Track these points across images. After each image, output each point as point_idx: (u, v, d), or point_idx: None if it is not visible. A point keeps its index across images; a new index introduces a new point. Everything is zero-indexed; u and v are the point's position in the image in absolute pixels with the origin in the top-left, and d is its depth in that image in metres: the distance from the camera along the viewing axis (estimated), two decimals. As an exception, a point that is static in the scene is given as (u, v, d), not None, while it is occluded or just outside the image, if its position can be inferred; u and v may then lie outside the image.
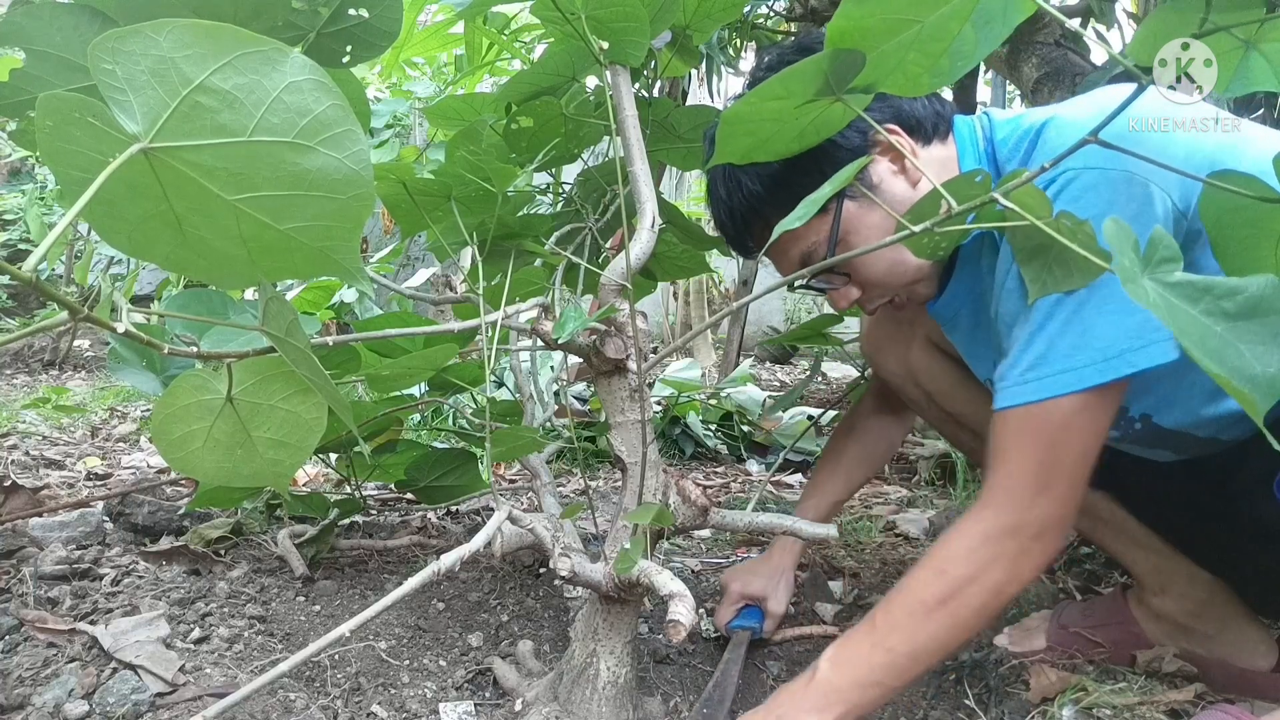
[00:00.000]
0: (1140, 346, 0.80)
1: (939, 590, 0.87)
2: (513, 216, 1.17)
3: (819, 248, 0.97)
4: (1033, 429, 0.85)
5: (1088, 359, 0.82)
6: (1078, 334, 0.82)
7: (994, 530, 0.86)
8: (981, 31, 0.66)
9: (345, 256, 0.66)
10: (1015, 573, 0.86)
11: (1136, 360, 0.81)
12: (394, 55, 2.10)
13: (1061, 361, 0.83)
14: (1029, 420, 0.85)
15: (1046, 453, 0.85)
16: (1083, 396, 0.82)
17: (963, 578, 0.86)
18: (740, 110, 0.77)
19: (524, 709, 1.01)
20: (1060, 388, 0.83)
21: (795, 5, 2.66)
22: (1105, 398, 0.84)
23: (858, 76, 0.72)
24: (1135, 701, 1.00)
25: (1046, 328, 0.84)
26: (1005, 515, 0.86)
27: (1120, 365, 0.81)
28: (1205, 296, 0.56)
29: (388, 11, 0.97)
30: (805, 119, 0.78)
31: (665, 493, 0.97)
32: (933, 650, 0.88)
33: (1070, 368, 0.82)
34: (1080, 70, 2.06)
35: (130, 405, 3.13)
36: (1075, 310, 0.82)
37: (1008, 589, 0.87)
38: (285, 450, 0.84)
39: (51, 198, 4.81)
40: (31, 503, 1.48)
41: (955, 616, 0.86)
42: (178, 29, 0.54)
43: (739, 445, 2.66)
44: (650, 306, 5.43)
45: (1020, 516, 0.85)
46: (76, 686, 0.96)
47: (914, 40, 0.68)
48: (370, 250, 4.29)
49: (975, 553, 0.87)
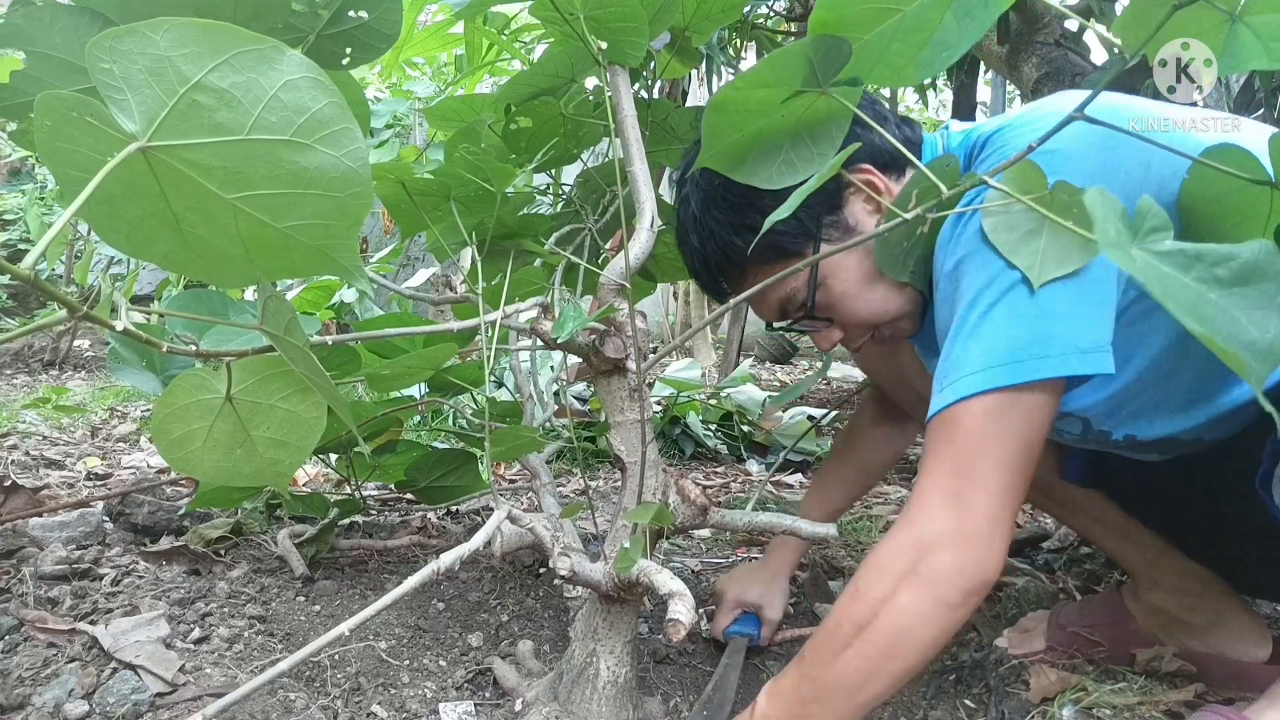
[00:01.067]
0: (1063, 352, 0.76)
1: (855, 615, 0.80)
2: (512, 217, 1.17)
3: (798, 293, 0.97)
4: (945, 435, 0.80)
5: (996, 359, 0.78)
6: (990, 336, 0.78)
7: (906, 543, 0.79)
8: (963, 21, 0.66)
9: (344, 255, 0.66)
10: (930, 597, 0.77)
11: (1049, 368, 0.76)
12: (394, 55, 2.09)
13: (973, 363, 0.79)
14: (942, 426, 0.81)
15: (957, 457, 0.79)
16: (993, 398, 0.78)
17: (876, 599, 0.79)
18: (729, 96, 0.77)
19: (524, 709, 1.01)
20: (969, 388, 0.78)
21: (795, 5, 2.66)
22: (1021, 402, 0.78)
23: (843, 69, 0.72)
24: (1135, 701, 1.00)
25: (960, 332, 0.81)
26: (918, 528, 0.79)
27: (1031, 369, 0.76)
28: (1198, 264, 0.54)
29: (387, 13, 0.97)
30: (792, 115, 0.78)
31: (665, 492, 0.97)
32: (856, 680, 0.79)
33: (981, 368, 0.78)
34: (1080, 70, 2.06)
35: (130, 405, 3.13)
36: (986, 311, 0.79)
37: (925, 616, 0.77)
38: (285, 450, 0.85)
39: (51, 197, 4.81)
40: (31, 503, 1.48)
41: (874, 643, 0.78)
42: (175, 28, 0.54)
43: (739, 445, 2.67)
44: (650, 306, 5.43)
45: (932, 528, 0.78)
46: (76, 686, 0.96)
47: (896, 30, 0.68)
48: (370, 250, 4.29)
49: (886, 570, 0.79)
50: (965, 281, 0.81)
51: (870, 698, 0.79)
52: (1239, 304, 0.53)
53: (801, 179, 0.81)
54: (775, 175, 0.82)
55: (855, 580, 0.82)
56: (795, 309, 0.98)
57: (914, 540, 0.79)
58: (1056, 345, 0.76)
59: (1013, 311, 0.77)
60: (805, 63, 0.72)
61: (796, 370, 5.36)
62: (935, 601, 0.77)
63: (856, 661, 0.79)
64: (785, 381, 4.54)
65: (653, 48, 1.21)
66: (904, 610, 0.77)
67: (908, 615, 0.77)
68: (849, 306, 0.97)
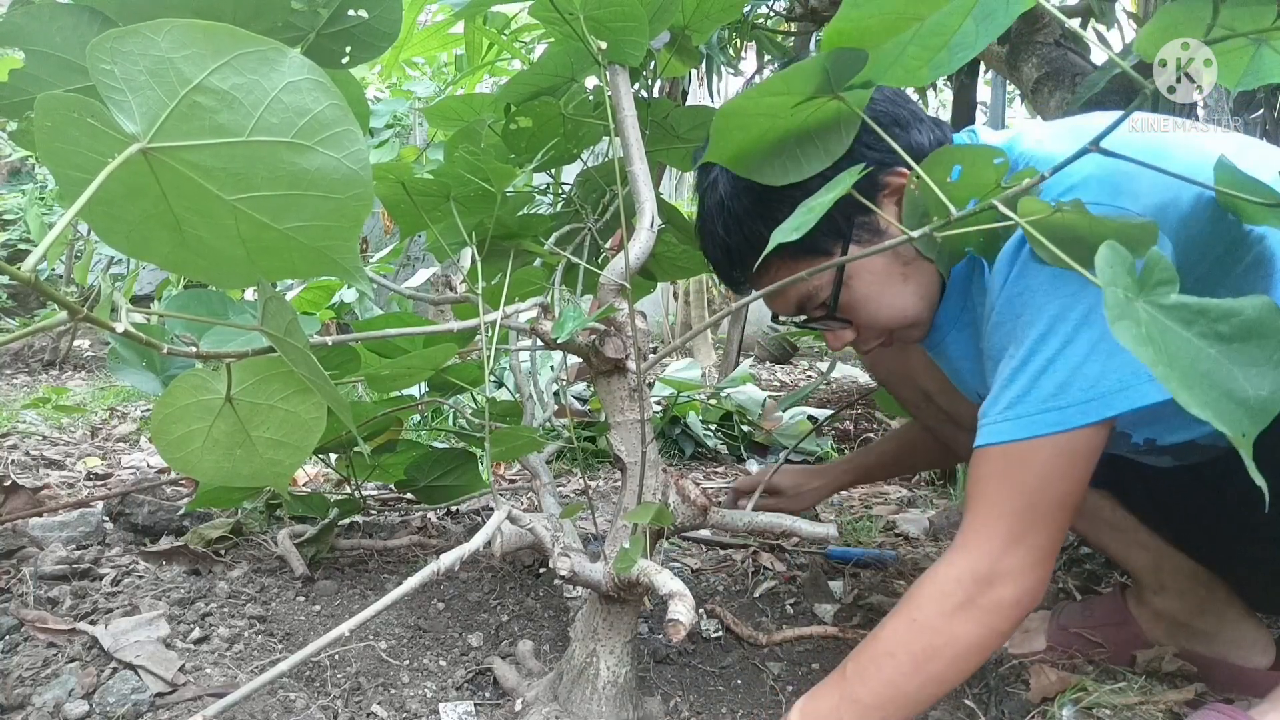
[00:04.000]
0: (1126, 387, 0.77)
1: (907, 640, 0.82)
2: (512, 216, 1.17)
3: (821, 291, 0.95)
4: (1012, 470, 0.81)
5: (1071, 399, 0.78)
6: (1064, 372, 0.78)
7: (966, 576, 0.82)
8: (982, 24, 0.66)
9: (344, 256, 0.66)
10: (986, 623, 0.81)
11: (1121, 402, 0.77)
12: (394, 55, 2.09)
13: (1045, 401, 0.79)
14: (1008, 460, 0.81)
15: (1025, 496, 0.81)
16: (1066, 437, 0.79)
17: (931, 628, 0.82)
18: (739, 103, 0.76)
19: (524, 709, 1.01)
20: (1042, 427, 0.79)
21: (795, 5, 2.66)
22: (1089, 440, 0.80)
23: (856, 76, 0.72)
24: (1135, 701, 1.00)
25: (1030, 364, 0.80)
26: (978, 561, 0.81)
27: (1104, 407, 0.77)
28: (1201, 319, 0.55)
29: (387, 12, 0.97)
30: (799, 117, 0.78)
31: (665, 492, 0.97)
32: (901, 705, 0.82)
33: (1054, 407, 0.78)
34: (1080, 70, 2.06)
35: (130, 405, 3.13)
36: (1061, 347, 0.79)
37: (975, 643, 0.82)
38: (285, 450, 0.85)
39: (51, 198, 4.81)
40: (31, 503, 1.48)
41: (923, 671, 0.81)
42: (176, 29, 0.54)
43: (739, 445, 2.66)
44: (650, 306, 5.43)
45: (994, 564, 0.81)
46: (76, 686, 0.96)
47: (914, 36, 0.68)
48: (370, 250, 4.29)
49: (946, 599, 0.82)
50: (1031, 311, 0.81)
51: (908, 716, 0.84)
52: (1237, 359, 0.54)
53: (806, 175, 0.80)
54: (780, 172, 0.81)
55: (909, 607, 0.84)
56: (815, 307, 0.97)
57: (974, 574, 0.82)
58: (1126, 377, 0.77)
59: (1092, 341, 0.77)
60: (820, 73, 0.72)
61: (796, 370, 5.35)
62: (991, 632, 0.82)
63: (908, 687, 0.82)
64: (785, 382, 4.53)
65: (653, 47, 1.21)
66: (959, 640, 0.81)
67: (963, 645, 0.81)
68: (870, 309, 0.96)
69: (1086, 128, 0.91)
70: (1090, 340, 0.78)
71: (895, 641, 0.83)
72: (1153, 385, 0.77)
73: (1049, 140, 0.91)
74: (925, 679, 0.82)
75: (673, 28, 1.18)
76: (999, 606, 0.81)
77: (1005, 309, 0.84)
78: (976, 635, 0.82)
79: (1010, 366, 0.83)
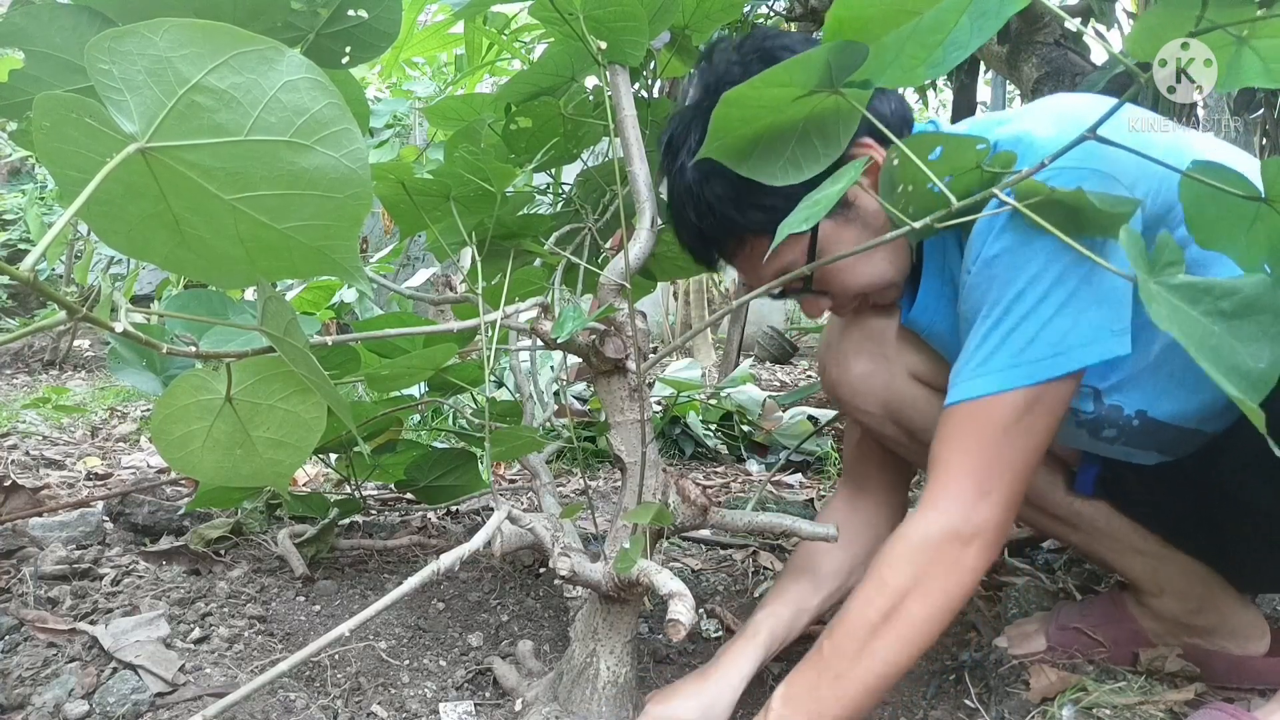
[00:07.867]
0: (1092, 341, 0.80)
1: (881, 605, 0.84)
2: (512, 216, 1.17)
3: (796, 263, 0.97)
4: (980, 425, 0.84)
5: (1039, 354, 0.81)
6: (1034, 328, 0.81)
7: (935, 533, 0.84)
8: (977, 22, 0.67)
9: (343, 255, 0.66)
10: (957, 579, 0.83)
11: (1087, 355, 0.80)
12: (394, 55, 2.09)
13: (1014, 356, 0.82)
14: (976, 415, 0.84)
15: (993, 448, 0.83)
16: (1034, 390, 0.82)
17: (902, 588, 0.83)
18: (743, 92, 0.77)
19: (524, 709, 1.01)
20: (1010, 381, 0.82)
21: (795, 5, 2.66)
22: (1055, 393, 0.83)
23: (857, 70, 0.72)
24: (1135, 701, 1.00)
25: (1003, 323, 0.83)
26: (948, 517, 0.84)
27: (1070, 360, 0.81)
28: (1205, 298, 0.59)
29: (387, 12, 0.97)
30: (800, 112, 0.78)
31: (665, 492, 0.97)
32: (884, 672, 0.84)
33: (1023, 361, 0.82)
34: (1080, 70, 2.06)
35: (130, 405, 3.13)
36: (1034, 306, 0.81)
37: (951, 598, 0.84)
38: (285, 450, 0.85)
39: (51, 198, 4.81)
40: (31, 503, 1.48)
41: (900, 633, 0.83)
42: (174, 29, 0.54)
43: (739, 445, 2.66)
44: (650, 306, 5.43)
45: (963, 519, 0.83)
46: (76, 686, 0.96)
47: (912, 32, 0.69)
48: (370, 250, 4.29)
49: (915, 557, 0.84)
50: (1009, 272, 0.83)
51: (890, 683, 0.85)
52: (1239, 335, 0.58)
53: (804, 178, 0.81)
54: (780, 172, 0.82)
55: (879, 570, 0.85)
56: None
57: (943, 531, 0.83)
58: (1091, 332, 0.80)
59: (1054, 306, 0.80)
60: (824, 66, 0.73)
61: (796, 370, 5.35)
62: (962, 586, 0.84)
63: (885, 652, 0.83)
64: (785, 381, 4.53)
65: (653, 47, 1.21)
66: (933, 597, 0.83)
67: (938, 602, 0.83)
68: (844, 277, 0.99)
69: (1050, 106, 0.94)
70: (1060, 300, 0.80)
71: (870, 609, 0.84)
72: (1116, 340, 0.80)
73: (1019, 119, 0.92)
74: (900, 640, 0.83)
75: (673, 28, 1.18)
76: (969, 560, 0.83)
77: (982, 271, 0.86)
78: (950, 590, 0.83)
79: (984, 327, 0.85)
